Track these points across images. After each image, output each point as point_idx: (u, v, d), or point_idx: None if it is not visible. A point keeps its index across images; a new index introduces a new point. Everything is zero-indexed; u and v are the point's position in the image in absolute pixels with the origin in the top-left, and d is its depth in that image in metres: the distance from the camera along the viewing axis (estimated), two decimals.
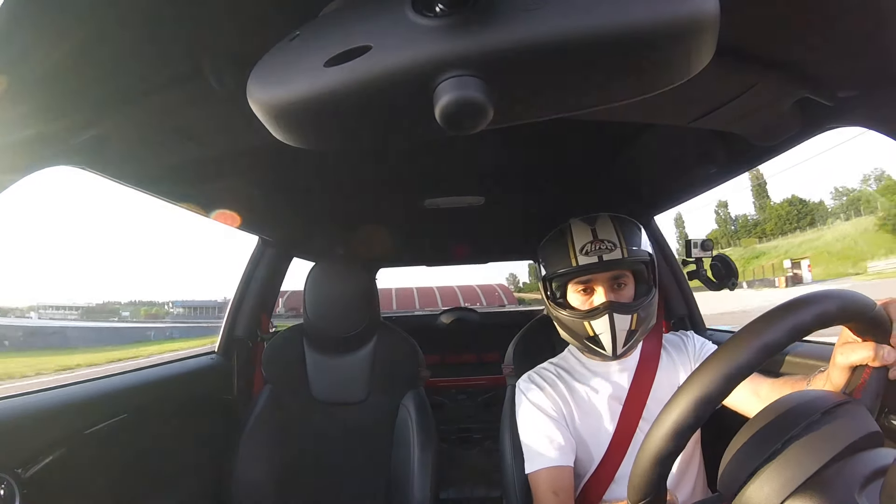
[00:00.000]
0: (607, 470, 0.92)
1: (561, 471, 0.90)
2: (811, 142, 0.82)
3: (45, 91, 0.58)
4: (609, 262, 0.91)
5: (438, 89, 0.31)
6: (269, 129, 0.38)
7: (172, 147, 0.77)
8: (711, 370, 0.44)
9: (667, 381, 0.96)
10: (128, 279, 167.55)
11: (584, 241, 0.94)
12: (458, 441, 2.26)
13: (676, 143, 0.99)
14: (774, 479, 0.44)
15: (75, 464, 0.87)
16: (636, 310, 0.91)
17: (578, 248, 0.93)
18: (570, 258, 0.93)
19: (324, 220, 1.61)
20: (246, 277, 1.56)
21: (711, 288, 1.20)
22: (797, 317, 0.45)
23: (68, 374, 9.78)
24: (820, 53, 0.59)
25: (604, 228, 0.95)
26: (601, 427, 0.94)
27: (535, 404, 0.98)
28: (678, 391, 0.46)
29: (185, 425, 1.24)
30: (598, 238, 0.93)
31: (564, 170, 1.29)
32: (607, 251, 0.91)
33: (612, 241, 0.92)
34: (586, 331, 0.91)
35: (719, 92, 0.68)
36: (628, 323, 0.90)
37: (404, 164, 1.18)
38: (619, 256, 0.91)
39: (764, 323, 0.45)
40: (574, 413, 0.96)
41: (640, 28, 0.30)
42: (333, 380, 1.33)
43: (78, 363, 12.49)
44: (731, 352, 0.44)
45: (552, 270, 0.97)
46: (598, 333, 0.90)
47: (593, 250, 0.92)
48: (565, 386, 0.98)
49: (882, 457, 0.43)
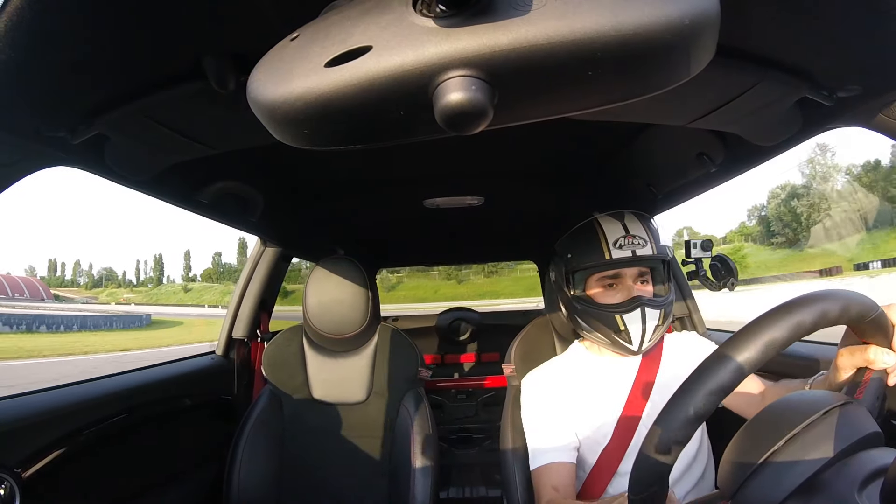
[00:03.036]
0: (609, 465, 0.92)
1: (562, 466, 0.91)
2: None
3: (45, 91, 0.58)
4: (642, 258, 0.92)
5: (439, 90, 0.31)
6: (269, 129, 0.38)
7: (172, 147, 0.77)
8: (717, 364, 0.44)
9: (669, 380, 0.97)
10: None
11: (617, 235, 0.94)
12: (458, 441, 2.26)
13: (676, 143, 0.99)
14: (774, 479, 0.44)
15: (75, 464, 0.87)
16: (663, 305, 0.93)
17: (612, 242, 0.94)
18: (602, 251, 0.94)
19: (324, 220, 1.61)
20: (246, 277, 1.56)
21: (711, 288, 1.20)
22: (800, 315, 0.45)
23: None
24: (819, 54, 0.59)
25: (633, 224, 0.96)
26: (604, 423, 0.95)
27: (539, 402, 0.99)
28: (683, 383, 0.46)
29: (184, 425, 1.24)
30: (630, 233, 0.94)
31: (564, 170, 1.29)
32: (639, 246, 0.92)
33: (643, 237, 0.93)
34: (617, 325, 0.92)
35: (719, 92, 0.68)
36: (658, 318, 0.92)
37: (404, 164, 1.18)
38: (650, 252, 0.92)
39: (769, 320, 0.45)
40: (577, 409, 0.96)
41: (640, 28, 0.30)
42: (333, 380, 1.33)
43: None
44: (738, 346, 0.44)
45: (581, 263, 0.97)
46: (629, 327, 0.91)
47: (627, 245, 0.93)
48: (570, 383, 0.99)
49: (882, 456, 0.43)
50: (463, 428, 2.30)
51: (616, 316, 0.92)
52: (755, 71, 0.62)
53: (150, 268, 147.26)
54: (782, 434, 0.45)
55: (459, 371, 2.54)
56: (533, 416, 0.99)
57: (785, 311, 0.46)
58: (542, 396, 0.99)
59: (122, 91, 0.62)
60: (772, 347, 0.44)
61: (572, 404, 0.97)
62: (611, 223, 0.96)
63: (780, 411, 0.49)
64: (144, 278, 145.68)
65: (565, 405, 0.97)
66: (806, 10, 0.51)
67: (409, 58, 0.31)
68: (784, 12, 0.52)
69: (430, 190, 1.34)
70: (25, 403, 0.86)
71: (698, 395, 0.44)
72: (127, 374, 1.16)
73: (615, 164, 1.18)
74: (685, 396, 0.45)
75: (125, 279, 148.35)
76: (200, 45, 0.56)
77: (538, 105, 0.37)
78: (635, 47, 0.30)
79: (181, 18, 0.51)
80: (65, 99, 0.61)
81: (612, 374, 0.99)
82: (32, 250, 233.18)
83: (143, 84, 0.61)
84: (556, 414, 0.96)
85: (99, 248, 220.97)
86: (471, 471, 2.06)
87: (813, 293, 0.47)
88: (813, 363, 1.00)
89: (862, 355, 0.55)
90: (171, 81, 0.61)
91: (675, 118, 0.77)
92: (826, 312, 0.46)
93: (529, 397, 1.01)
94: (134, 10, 0.48)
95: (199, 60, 0.57)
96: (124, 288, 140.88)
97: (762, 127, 0.78)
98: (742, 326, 0.47)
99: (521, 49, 0.30)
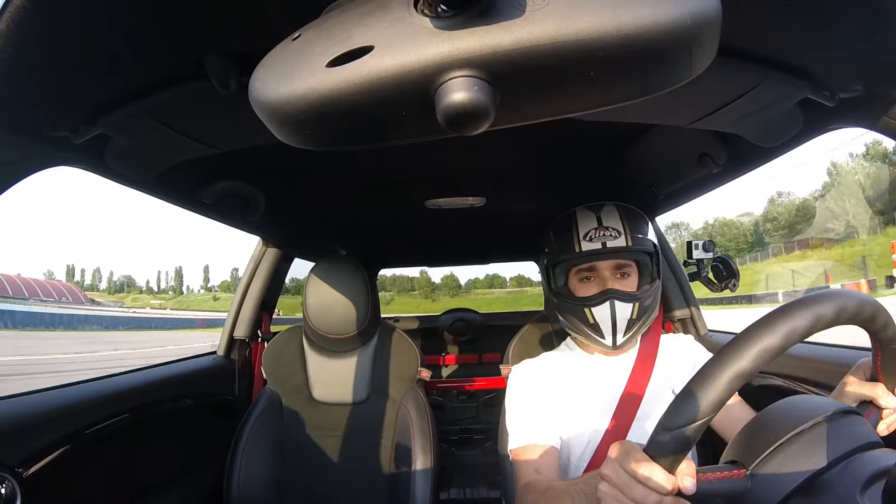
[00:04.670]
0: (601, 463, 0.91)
1: (543, 449, 0.87)
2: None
3: (47, 90, 0.58)
4: (613, 250, 0.90)
5: (440, 90, 0.31)
6: (270, 129, 0.38)
7: (174, 147, 0.77)
8: (748, 342, 0.44)
9: (663, 381, 0.95)
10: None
11: (589, 227, 0.93)
12: (459, 441, 2.26)
13: (678, 144, 0.99)
14: (795, 458, 0.45)
15: (76, 463, 0.87)
16: (638, 299, 0.90)
17: (582, 235, 0.92)
18: (573, 244, 0.93)
19: (324, 220, 1.61)
20: (246, 278, 1.56)
21: (713, 289, 1.20)
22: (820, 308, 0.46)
23: None
24: (821, 54, 0.59)
25: (609, 216, 0.94)
26: (596, 423, 0.93)
27: (524, 388, 0.97)
28: (711, 360, 0.46)
29: (185, 425, 1.24)
30: (603, 225, 0.92)
31: (566, 170, 1.29)
32: (611, 238, 0.91)
33: (617, 228, 0.92)
34: (587, 318, 0.91)
35: (721, 93, 0.68)
36: (629, 312, 0.89)
37: (405, 165, 1.18)
38: (623, 244, 0.90)
39: (789, 311, 0.46)
40: (568, 407, 0.94)
41: (642, 28, 0.30)
42: (334, 380, 1.33)
43: None
44: (765, 329, 0.45)
45: (555, 257, 0.96)
46: (599, 321, 0.90)
47: (597, 237, 0.91)
48: (560, 378, 0.96)
49: (885, 458, 0.43)
50: (464, 429, 2.29)
51: (585, 309, 0.90)
52: (757, 71, 0.62)
53: (171, 277, 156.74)
54: (789, 429, 0.46)
55: (460, 371, 2.54)
56: (515, 402, 0.96)
57: (807, 305, 0.46)
58: (527, 385, 0.97)
59: (125, 91, 0.62)
60: (795, 337, 0.44)
61: (559, 398, 0.94)
62: (585, 215, 0.95)
63: (791, 408, 0.50)
64: (165, 286, 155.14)
65: (551, 396, 0.94)
66: (808, 10, 0.51)
67: (411, 58, 0.31)
68: (786, 12, 0.52)
69: (431, 190, 1.34)
70: (26, 403, 0.86)
71: (737, 365, 0.44)
72: (128, 374, 1.16)
73: (617, 164, 1.18)
74: (727, 358, 0.44)
75: (148, 286, 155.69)
76: (202, 45, 0.56)
77: (540, 105, 0.37)
78: (637, 47, 0.30)
79: (183, 18, 0.51)
80: (67, 98, 0.61)
81: (605, 371, 0.97)
82: (49, 254, 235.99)
83: (145, 84, 0.61)
84: (539, 402, 0.93)
85: (118, 255, 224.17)
86: (471, 472, 2.06)
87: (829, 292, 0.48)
88: (843, 368, 1.00)
89: (871, 390, 0.55)
90: (173, 81, 0.61)
91: (677, 119, 0.77)
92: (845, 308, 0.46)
93: (514, 385, 0.98)
94: (136, 10, 0.48)
95: (201, 60, 0.57)
96: (147, 294, 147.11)
97: (764, 128, 0.78)
98: (765, 314, 0.47)
99: (523, 49, 0.30)
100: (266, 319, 1.58)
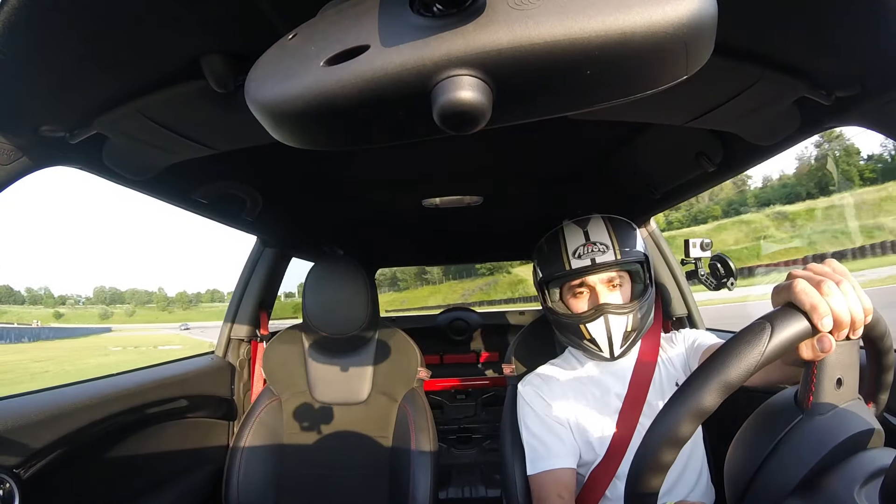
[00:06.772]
0: (608, 468, 0.92)
1: (565, 473, 0.90)
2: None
3: (43, 90, 0.58)
4: (602, 265, 0.91)
5: (436, 89, 0.31)
6: (267, 128, 0.37)
7: (171, 147, 0.77)
8: (699, 381, 0.42)
9: (666, 380, 0.96)
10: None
11: (577, 244, 0.94)
12: (458, 441, 2.26)
13: (675, 142, 0.99)
14: (774, 479, 0.44)
15: (75, 464, 0.87)
16: (631, 311, 0.91)
17: (571, 252, 0.93)
18: (563, 262, 0.94)
19: (322, 220, 1.60)
20: (244, 278, 1.55)
21: (710, 288, 1.20)
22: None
23: None
24: (818, 53, 0.59)
25: (596, 230, 0.95)
26: (602, 426, 0.94)
27: (537, 406, 0.98)
28: (665, 404, 0.45)
29: (183, 426, 1.24)
30: (591, 240, 0.93)
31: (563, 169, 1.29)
32: (600, 253, 0.91)
33: (605, 243, 0.92)
34: (583, 333, 0.91)
35: (717, 91, 0.68)
36: (624, 324, 0.90)
37: (402, 164, 1.18)
38: (611, 258, 0.91)
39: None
40: (575, 413, 0.96)
41: (638, 27, 0.30)
42: (333, 380, 1.32)
43: None
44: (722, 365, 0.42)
45: (547, 274, 0.97)
46: (595, 336, 0.90)
47: (586, 253, 0.92)
48: (566, 387, 0.98)
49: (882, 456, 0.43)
50: (462, 428, 2.30)
51: (580, 325, 0.91)
52: (753, 70, 0.62)
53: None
54: (778, 432, 0.45)
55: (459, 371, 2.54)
56: (530, 421, 0.97)
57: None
58: (539, 401, 0.98)
59: (121, 91, 0.62)
60: (755, 367, 0.41)
61: (569, 408, 0.96)
62: (573, 231, 0.96)
63: (775, 409, 0.49)
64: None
65: (562, 409, 0.96)
66: (804, 9, 0.51)
67: (407, 57, 0.31)
68: (782, 11, 0.52)
69: (428, 190, 1.34)
70: (25, 403, 0.86)
71: (681, 414, 0.42)
72: (127, 374, 1.16)
73: (613, 163, 1.18)
74: (667, 415, 0.43)
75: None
76: (198, 44, 0.56)
77: (536, 104, 0.37)
78: (633, 46, 0.30)
79: (179, 18, 0.51)
80: (63, 98, 0.61)
81: (608, 375, 0.98)
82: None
83: (141, 84, 0.61)
84: (554, 418, 0.95)
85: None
86: (470, 471, 2.06)
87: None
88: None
89: (787, 291, 0.45)
90: (169, 81, 0.61)
91: (674, 117, 0.77)
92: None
93: (526, 402, 1.00)
94: (132, 10, 0.48)
95: (197, 60, 0.57)
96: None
97: (760, 126, 0.78)
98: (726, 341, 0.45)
99: (519, 48, 0.30)
100: (264, 320, 1.58)
